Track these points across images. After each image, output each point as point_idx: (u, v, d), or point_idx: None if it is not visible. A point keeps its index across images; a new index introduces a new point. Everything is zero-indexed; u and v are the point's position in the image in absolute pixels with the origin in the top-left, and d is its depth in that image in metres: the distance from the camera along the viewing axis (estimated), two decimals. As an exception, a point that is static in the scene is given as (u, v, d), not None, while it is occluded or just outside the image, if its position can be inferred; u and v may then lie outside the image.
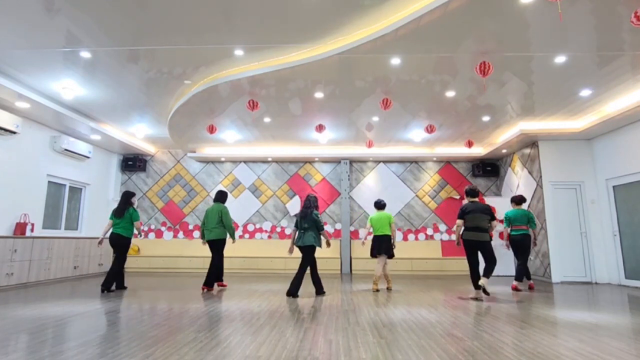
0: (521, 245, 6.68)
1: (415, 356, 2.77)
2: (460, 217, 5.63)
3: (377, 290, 6.33)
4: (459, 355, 2.80)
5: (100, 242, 6.22)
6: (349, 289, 6.60)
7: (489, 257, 5.48)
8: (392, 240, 6.43)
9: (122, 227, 6.10)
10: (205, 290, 6.20)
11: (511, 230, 6.83)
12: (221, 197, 6.65)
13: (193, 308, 4.62)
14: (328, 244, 6.18)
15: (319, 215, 5.96)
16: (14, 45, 4.94)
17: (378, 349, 2.95)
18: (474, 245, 5.49)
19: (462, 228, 5.60)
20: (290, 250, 6.02)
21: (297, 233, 6.01)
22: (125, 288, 6.26)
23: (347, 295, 5.85)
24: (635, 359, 2.79)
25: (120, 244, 6.08)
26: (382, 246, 6.34)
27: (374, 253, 6.42)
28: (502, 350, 2.92)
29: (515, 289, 6.47)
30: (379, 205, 6.69)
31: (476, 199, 5.72)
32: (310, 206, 5.95)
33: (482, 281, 5.39)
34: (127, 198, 6.28)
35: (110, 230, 6.17)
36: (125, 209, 6.16)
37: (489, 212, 5.56)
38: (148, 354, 2.74)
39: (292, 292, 5.68)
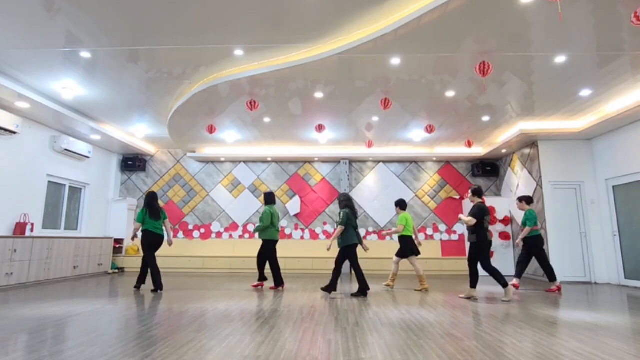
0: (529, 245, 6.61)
1: (415, 356, 2.77)
2: (480, 217, 5.42)
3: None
4: (458, 355, 2.80)
5: (134, 238, 6.17)
6: (349, 289, 6.60)
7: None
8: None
9: (160, 227, 6.17)
10: (281, 288, 6.48)
11: (534, 231, 6.58)
12: (274, 198, 6.80)
13: (192, 308, 4.62)
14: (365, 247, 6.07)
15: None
16: (14, 45, 4.94)
17: (378, 349, 2.95)
18: (490, 247, 5.49)
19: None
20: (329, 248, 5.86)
21: (345, 231, 5.71)
22: (138, 288, 6.22)
23: (346, 295, 5.84)
24: (635, 359, 2.79)
25: (160, 243, 6.20)
26: (415, 246, 6.52)
27: (412, 253, 6.47)
28: (501, 350, 2.92)
29: (558, 289, 6.40)
30: (405, 204, 6.83)
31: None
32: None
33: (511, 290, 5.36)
34: (156, 199, 6.34)
35: (144, 231, 6.05)
36: (160, 210, 6.25)
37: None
38: (147, 354, 2.74)
39: (365, 290, 5.67)
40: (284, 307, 4.75)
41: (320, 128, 7.36)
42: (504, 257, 9.29)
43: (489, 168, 10.19)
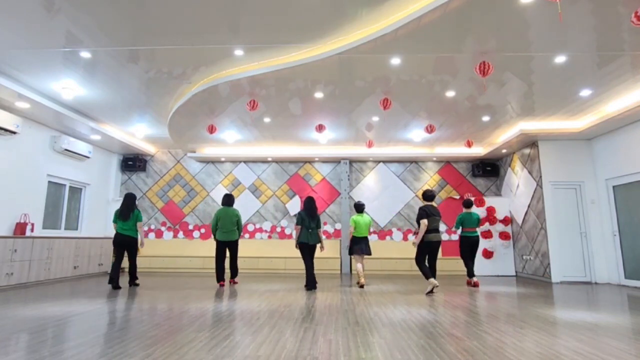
0: (473, 246, 7.12)
1: (415, 356, 2.77)
2: (424, 218, 5.95)
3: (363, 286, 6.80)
4: (458, 355, 2.80)
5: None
6: (349, 288, 6.60)
7: (435, 257, 6.18)
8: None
9: (127, 228, 6.57)
10: (233, 283, 7.16)
11: (463, 232, 7.22)
12: (230, 200, 7.12)
13: (193, 308, 4.62)
14: (322, 247, 6.61)
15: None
16: (14, 45, 4.94)
17: (378, 349, 2.95)
18: (434, 246, 6.01)
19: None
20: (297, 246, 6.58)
21: (301, 231, 6.42)
22: (119, 288, 6.39)
23: (347, 295, 5.85)
24: (635, 359, 2.79)
25: (126, 243, 6.59)
26: (364, 246, 6.98)
27: (359, 252, 6.95)
28: (502, 350, 2.92)
29: (476, 284, 6.98)
30: (361, 207, 7.23)
31: (432, 202, 6.16)
32: (315, 207, 6.56)
33: (435, 281, 5.90)
34: (132, 201, 6.71)
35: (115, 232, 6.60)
36: (131, 212, 6.62)
37: (439, 214, 6.10)
38: (148, 354, 2.74)
39: (314, 285, 6.37)
40: (284, 307, 4.75)
41: (320, 128, 7.36)
42: (504, 257, 9.30)
43: (489, 168, 10.19)
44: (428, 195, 6.16)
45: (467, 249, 7.13)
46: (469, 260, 7.12)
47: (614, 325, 3.87)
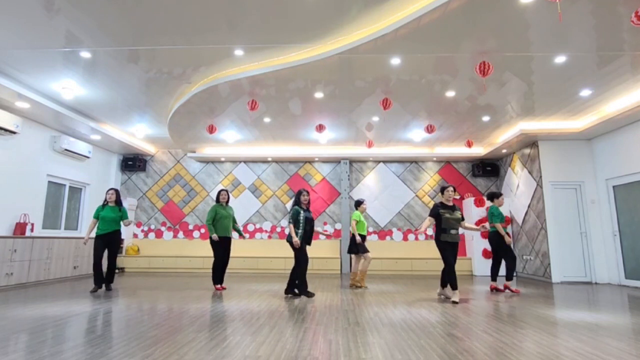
0: (490, 243, 6.50)
1: (415, 356, 2.76)
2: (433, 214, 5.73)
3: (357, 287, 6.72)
4: (458, 355, 2.80)
5: None
6: (350, 288, 6.59)
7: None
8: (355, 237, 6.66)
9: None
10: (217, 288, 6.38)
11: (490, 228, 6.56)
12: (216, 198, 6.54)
13: (193, 308, 4.62)
14: (293, 244, 5.53)
15: (294, 209, 5.69)
16: (14, 45, 4.94)
17: (378, 348, 2.95)
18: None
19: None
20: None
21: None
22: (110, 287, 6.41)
23: (347, 295, 5.84)
24: (635, 359, 2.78)
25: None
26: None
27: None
28: (502, 350, 2.92)
29: (507, 288, 6.40)
30: (355, 203, 7.04)
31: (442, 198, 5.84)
32: (296, 200, 5.78)
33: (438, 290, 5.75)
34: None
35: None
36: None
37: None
38: (148, 354, 2.74)
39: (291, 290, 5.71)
40: (284, 307, 4.75)
41: (320, 128, 7.36)
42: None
43: (489, 168, 10.19)
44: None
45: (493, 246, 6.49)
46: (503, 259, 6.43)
47: (614, 326, 3.87)
